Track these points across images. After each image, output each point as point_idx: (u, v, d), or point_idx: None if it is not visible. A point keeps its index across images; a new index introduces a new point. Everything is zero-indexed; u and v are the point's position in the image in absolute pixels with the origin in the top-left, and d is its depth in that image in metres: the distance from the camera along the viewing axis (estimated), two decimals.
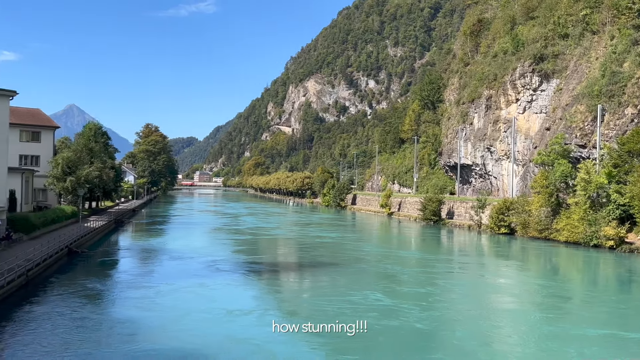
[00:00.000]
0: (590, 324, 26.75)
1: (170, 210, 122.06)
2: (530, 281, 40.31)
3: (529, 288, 37.39)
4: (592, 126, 66.03)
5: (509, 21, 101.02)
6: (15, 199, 51.92)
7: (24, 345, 21.44)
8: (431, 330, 25.16)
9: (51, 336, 22.48)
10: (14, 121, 66.47)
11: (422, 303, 30.34)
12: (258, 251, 55.07)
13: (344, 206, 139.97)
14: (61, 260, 41.21)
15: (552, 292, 35.46)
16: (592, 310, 30.40)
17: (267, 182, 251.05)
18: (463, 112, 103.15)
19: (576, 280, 42.95)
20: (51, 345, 21.37)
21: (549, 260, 52.72)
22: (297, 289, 35.70)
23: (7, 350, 20.98)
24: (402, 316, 27.12)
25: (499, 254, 57.59)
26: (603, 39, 74.04)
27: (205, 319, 26.15)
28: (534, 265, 49.93)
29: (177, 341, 22.51)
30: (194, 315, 26.81)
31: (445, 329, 25.53)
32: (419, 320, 26.43)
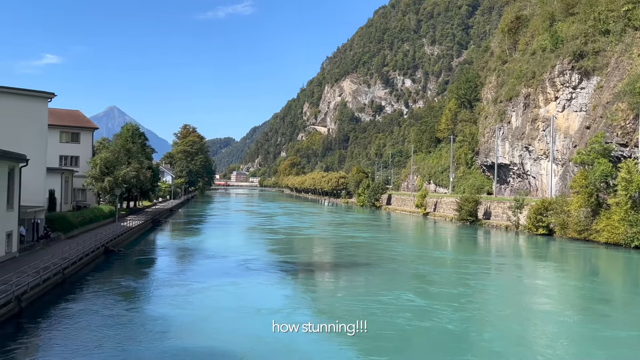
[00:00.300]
0: (626, 327, 26.00)
1: (206, 209, 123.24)
2: (567, 283, 39.45)
3: (566, 290, 36.59)
4: (633, 124, 64.31)
5: (547, 18, 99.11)
6: (55, 199, 53.02)
7: (58, 341, 21.83)
8: (461, 331, 24.75)
9: (84, 333, 22.82)
10: (54, 122, 67.96)
11: (454, 304, 29.90)
12: (290, 250, 55.12)
13: (378, 206, 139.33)
14: (98, 259, 41.92)
15: (589, 294, 34.64)
16: (629, 313, 29.55)
17: (302, 182, 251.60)
18: (500, 110, 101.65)
19: (615, 282, 41.89)
20: (84, 341, 21.70)
21: (587, 262, 51.54)
22: (326, 289, 35.54)
23: (41, 346, 21.42)
24: (434, 317, 26.78)
25: (536, 254, 56.53)
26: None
27: (232, 317, 26.32)
28: (571, 267, 48.86)
29: (205, 339, 22.73)
30: (222, 313, 27.08)
31: (475, 330, 25.10)
32: (450, 321, 26.04)
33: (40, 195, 42.56)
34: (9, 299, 23.16)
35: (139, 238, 59.35)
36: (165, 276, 38.24)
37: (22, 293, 24.83)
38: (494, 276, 41.21)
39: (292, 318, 26.35)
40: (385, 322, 25.79)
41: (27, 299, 25.65)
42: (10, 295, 23.32)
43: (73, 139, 69.94)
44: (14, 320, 23.86)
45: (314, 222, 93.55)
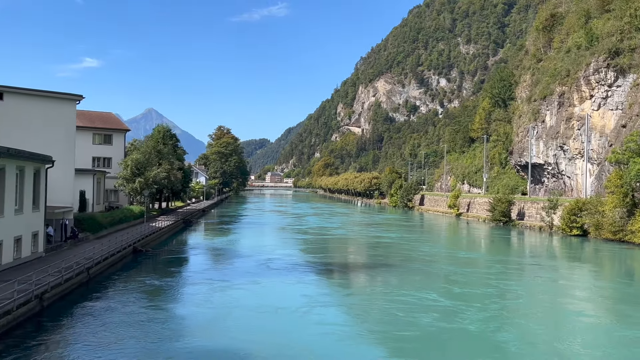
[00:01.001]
0: None
1: (239, 210, 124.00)
2: (599, 284, 38.47)
3: (597, 292, 35.63)
4: None
5: (583, 15, 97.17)
6: (86, 200, 53.93)
7: (78, 339, 22.16)
8: (481, 332, 24.27)
9: (105, 331, 23.12)
10: (87, 125, 69.35)
11: (477, 304, 29.41)
12: (315, 250, 54.95)
13: (411, 207, 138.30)
14: (126, 259, 42.49)
15: (619, 297, 33.74)
16: None
17: (335, 182, 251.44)
18: (534, 109, 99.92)
19: None
20: (103, 339, 22.00)
21: (621, 263, 50.25)
22: (347, 289, 35.34)
23: (61, 344, 21.75)
24: (457, 317, 26.36)
25: (568, 255, 55.35)
26: None
27: (251, 316, 26.50)
28: (604, 268, 47.70)
29: (224, 337, 22.92)
30: (241, 312, 27.36)
31: (496, 331, 24.58)
32: (472, 322, 25.60)
33: (68, 196, 43.33)
34: (28, 298, 23.55)
35: (169, 238, 60.02)
36: (190, 275, 38.67)
37: (43, 292, 25.22)
38: (522, 277, 40.39)
39: (310, 317, 26.44)
40: (406, 322, 25.61)
41: (49, 298, 26.06)
42: (30, 295, 23.70)
43: (105, 140, 71.13)
44: (35, 318, 24.28)
45: (344, 222, 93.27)
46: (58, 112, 41.82)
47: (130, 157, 64.30)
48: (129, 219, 56.92)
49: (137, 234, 48.05)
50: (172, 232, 64.68)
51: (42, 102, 41.49)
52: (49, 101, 41.97)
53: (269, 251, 51.26)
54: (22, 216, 32.12)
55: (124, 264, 41.10)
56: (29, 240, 33.20)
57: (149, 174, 62.84)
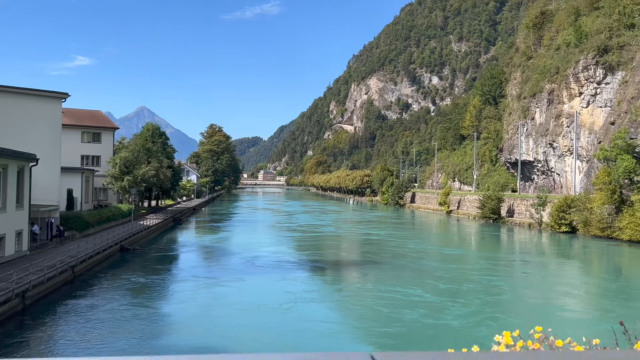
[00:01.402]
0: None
1: (230, 208, 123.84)
2: (583, 280, 38.75)
3: (580, 287, 35.85)
4: None
5: (572, 13, 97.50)
6: (73, 198, 53.73)
7: (59, 337, 22.18)
8: (463, 327, 24.36)
9: (87, 328, 23.15)
10: (76, 123, 69.08)
11: (461, 300, 29.52)
12: (304, 248, 55.00)
13: (402, 204, 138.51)
14: (113, 257, 42.41)
15: (602, 292, 33.92)
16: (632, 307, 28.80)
17: (327, 180, 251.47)
18: (524, 107, 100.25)
19: (628, 279, 40.83)
20: (86, 337, 22.02)
21: (606, 259, 50.57)
22: (333, 286, 35.45)
23: (44, 339, 21.73)
24: (443, 313, 26.43)
25: (555, 252, 55.72)
26: None
27: (235, 313, 26.62)
28: (589, 264, 48.08)
29: (205, 333, 23.02)
30: (225, 309, 27.41)
31: (479, 326, 24.67)
32: (456, 318, 25.68)
33: (54, 195, 43.17)
34: (8, 297, 23.45)
35: (158, 236, 59.89)
36: (177, 273, 38.77)
37: (25, 290, 25.13)
38: (508, 273, 40.59)
39: (293, 314, 26.51)
40: (391, 317, 25.72)
41: (32, 297, 25.97)
42: (10, 293, 23.61)
43: (94, 138, 70.86)
44: (17, 317, 24.21)
45: (333, 220, 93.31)
46: (43, 110, 41.62)
47: (118, 155, 64.13)
48: (117, 218, 56.74)
49: (124, 232, 47.94)
50: (161, 230, 64.53)
51: (27, 100, 41.28)
52: (34, 99, 41.78)
53: (256, 249, 51.26)
54: (5, 215, 32.00)
55: (111, 262, 41.03)
56: (12, 239, 33.08)
57: (137, 172, 62.69)
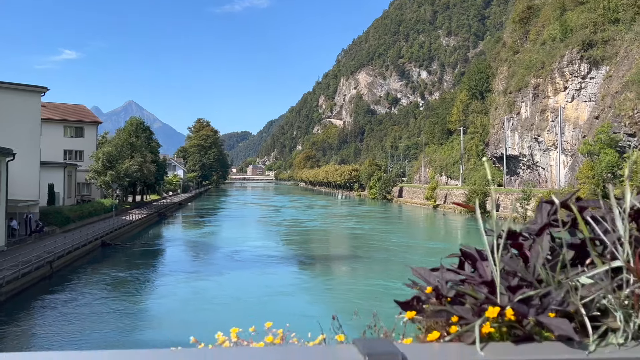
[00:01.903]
0: None
1: (216, 203, 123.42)
2: None
3: None
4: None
5: (558, 7, 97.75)
6: (55, 193, 53.34)
7: (36, 330, 22.02)
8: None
9: (63, 322, 23.14)
10: (58, 117, 68.62)
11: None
12: (286, 242, 54.92)
13: (390, 199, 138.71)
14: (94, 252, 42.20)
15: None
16: None
17: (316, 175, 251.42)
18: (510, 101, 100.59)
19: None
20: (61, 330, 21.97)
21: None
22: (311, 279, 35.41)
23: (18, 334, 21.58)
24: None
25: None
26: None
27: (212, 307, 26.61)
28: None
29: (182, 327, 22.85)
30: (203, 303, 27.46)
31: None
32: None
33: (33, 189, 42.85)
34: None
35: (142, 231, 59.62)
36: (157, 268, 38.68)
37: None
38: None
39: (269, 307, 26.58)
40: (365, 309, 25.69)
41: (7, 293, 25.78)
42: None
43: (77, 133, 70.39)
44: None
45: (319, 214, 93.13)
46: (22, 105, 41.24)
47: (101, 150, 63.74)
48: (99, 213, 56.37)
49: (106, 227, 47.69)
50: (145, 225, 64.27)
51: (5, 95, 40.86)
52: (12, 93, 41.37)
53: (239, 243, 51.23)
54: None
55: (92, 257, 40.85)
56: None
57: (120, 166, 62.35)
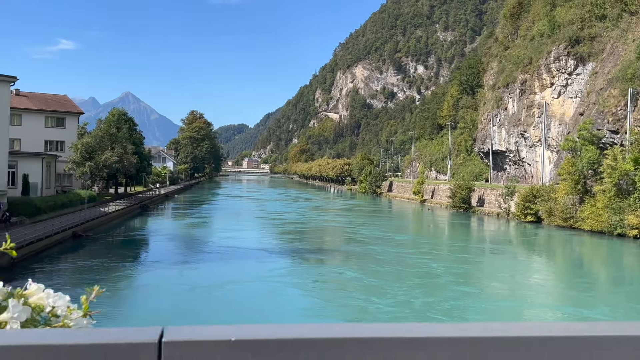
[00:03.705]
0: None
1: (205, 195, 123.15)
2: (531, 267, 38.78)
3: (525, 274, 35.81)
4: (625, 111, 63.25)
5: (548, 3, 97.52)
6: (29, 183, 53.08)
7: None
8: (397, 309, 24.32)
9: None
10: (40, 107, 68.36)
11: (397, 283, 29.43)
12: (256, 234, 54.58)
13: (379, 193, 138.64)
14: (64, 243, 41.99)
15: (543, 281, 33.96)
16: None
17: (309, 168, 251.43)
18: (497, 97, 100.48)
19: (579, 268, 41.01)
20: None
21: (562, 249, 51.05)
22: (273, 271, 35.08)
23: None
24: (383, 296, 26.35)
25: (509, 241, 56.60)
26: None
27: (170, 297, 27.07)
28: (541, 253, 48.38)
29: (137, 318, 23.07)
30: (165, 293, 27.93)
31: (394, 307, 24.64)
32: (395, 297, 25.58)
33: (2, 179, 42.62)
34: None
35: (121, 223, 59.41)
36: (125, 258, 38.56)
37: None
38: (447, 258, 40.71)
39: (230, 297, 26.83)
40: (323, 298, 25.83)
41: None
42: None
43: (58, 123, 70.12)
44: None
45: (302, 208, 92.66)
46: None
47: (80, 141, 63.49)
48: (75, 204, 56.00)
49: (78, 218, 47.43)
50: (125, 216, 64.02)
51: None
52: None
53: (210, 235, 51.65)
54: None
55: (62, 248, 40.66)
56: None
57: (99, 158, 62.09)
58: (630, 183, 54.79)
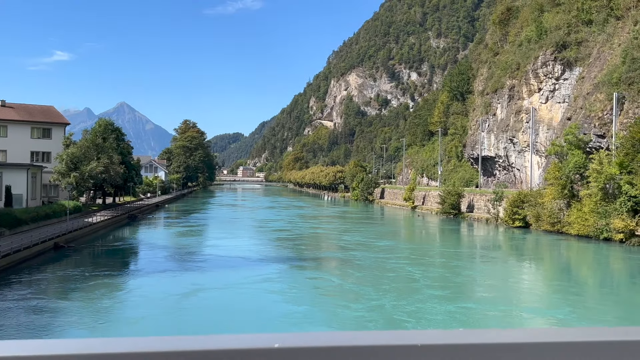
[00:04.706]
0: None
1: (196, 205, 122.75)
2: (510, 272, 38.65)
3: (500, 280, 35.68)
4: (611, 115, 63.36)
5: (536, 9, 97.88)
6: (12, 195, 52.78)
7: None
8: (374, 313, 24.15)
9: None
10: (26, 118, 68.08)
11: (372, 287, 29.27)
12: (240, 242, 54.27)
13: (371, 200, 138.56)
14: (45, 255, 41.73)
15: (525, 286, 33.82)
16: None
17: (303, 176, 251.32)
18: (486, 102, 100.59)
19: (563, 273, 40.87)
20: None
21: (548, 254, 50.92)
22: (250, 278, 34.90)
23: None
24: (359, 300, 26.17)
25: (494, 246, 56.61)
26: (627, 24, 70.95)
27: (146, 306, 26.76)
28: (521, 259, 48.22)
29: (112, 329, 22.80)
30: (143, 303, 27.64)
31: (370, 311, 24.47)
32: (371, 301, 25.40)
33: None
34: None
35: (107, 233, 59.06)
36: (105, 269, 38.25)
37: None
38: (427, 264, 40.54)
39: (205, 304, 26.71)
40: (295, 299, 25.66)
41: None
42: None
43: (44, 134, 69.92)
44: None
45: (290, 215, 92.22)
46: None
47: (65, 152, 63.22)
48: (59, 214, 55.70)
49: (59, 230, 47.14)
50: (112, 227, 63.69)
51: None
52: None
53: (196, 245, 51.51)
54: None
55: (42, 259, 40.38)
56: None
57: (84, 168, 61.82)
58: (616, 187, 54.78)
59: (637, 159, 53.42)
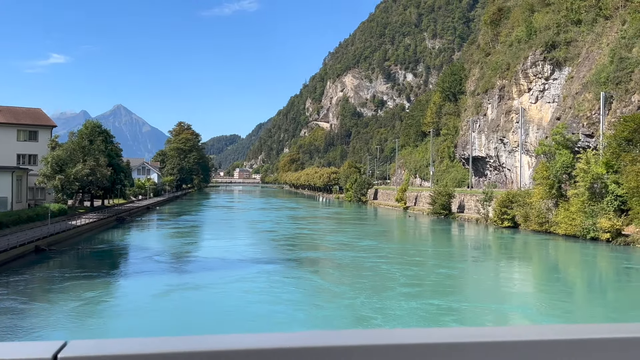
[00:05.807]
0: None
1: (188, 207, 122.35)
2: (494, 272, 38.43)
3: (486, 279, 35.45)
4: (599, 114, 63.30)
5: (527, 9, 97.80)
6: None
7: None
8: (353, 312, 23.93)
9: None
10: (12, 121, 67.77)
11: (349, 286, 29.06)
12: (224, 244, 53.99)
13: (365, 201, 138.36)
14: (24, 258, 41.41)
15: (510, 286, 33.59)
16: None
17: (298, 178, 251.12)
18: (477, 103, 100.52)
19: (550, 272, 40.68)
20: None
21: (536, 254, 50.75)
22: (230, 279, 34.70)
23: None
24: (341, 299, 25.97)
25: (479, 246, 56.65)
26: (615, 24, 70.90)
27: (124, 307, 26.81)
28: (507, 259, 48.15)
29: (87, 331, 22.53)
30: (121, 303, 27.91)
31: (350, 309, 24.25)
32: (352, 299, 25.19)
33: None
34: None
35: (92, 236, 58.69)
36: (86, 271, 38.04)
37: None
38: (410, 263, 40.32)
39: (188, 304, 26.68)
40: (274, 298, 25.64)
41: None
42: None
43: (31, 137, 69.62)
44: None
45: (281, 216, 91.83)
46: None
47: (50, 154, 62.92)
48: (42, 217, 55.32)
49: (42, 232, 46.82)
50: (97, 229, 63.30)
51: None
52: None
53: (177, 246, 51.30)
54: None
55: (22, 263, 40.10)
56: None
57: (70, 170, 61.52)
58: (603, 186, 54.68)
59: (622, 158, 53.32)
